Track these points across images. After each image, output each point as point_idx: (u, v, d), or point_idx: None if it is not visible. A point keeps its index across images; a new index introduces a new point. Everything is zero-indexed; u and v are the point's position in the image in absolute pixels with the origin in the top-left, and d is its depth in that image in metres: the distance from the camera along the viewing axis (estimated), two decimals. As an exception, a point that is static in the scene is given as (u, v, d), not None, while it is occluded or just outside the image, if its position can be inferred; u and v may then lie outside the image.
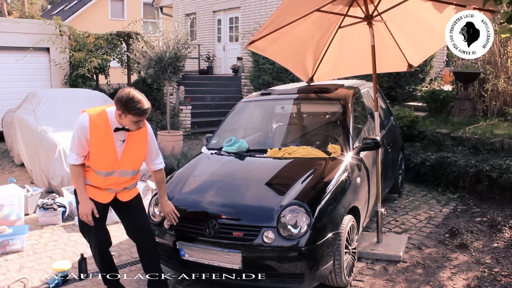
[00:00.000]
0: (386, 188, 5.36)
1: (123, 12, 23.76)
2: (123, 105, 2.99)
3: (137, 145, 3.25)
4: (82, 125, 3.09)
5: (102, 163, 3.16)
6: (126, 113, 3.01)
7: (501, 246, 4.49)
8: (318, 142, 4.45)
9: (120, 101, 2.99)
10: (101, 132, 3.11)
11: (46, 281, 3.86)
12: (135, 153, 3.26)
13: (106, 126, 3.12)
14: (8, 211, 4.96)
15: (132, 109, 2.99)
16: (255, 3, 13.30)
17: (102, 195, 3.28)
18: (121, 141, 3.19)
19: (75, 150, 3.15)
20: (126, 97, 2.98)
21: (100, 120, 3.12)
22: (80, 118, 3.13)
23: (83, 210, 3.17)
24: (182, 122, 10.95)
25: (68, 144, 6.17)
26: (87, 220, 3.17)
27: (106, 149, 3.14)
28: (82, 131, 3.09)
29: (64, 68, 11.04)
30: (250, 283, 3.31)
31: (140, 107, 3.00)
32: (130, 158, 3.24)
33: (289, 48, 4.87)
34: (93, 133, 3.09)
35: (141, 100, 3.01)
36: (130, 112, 3.00)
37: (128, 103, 2.98)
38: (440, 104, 8.38)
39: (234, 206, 3.54)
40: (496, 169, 5.79)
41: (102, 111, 3.17)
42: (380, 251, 4.28)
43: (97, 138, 3.10)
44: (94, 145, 3.10)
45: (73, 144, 3.16)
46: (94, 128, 3.09)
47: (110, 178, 3.22)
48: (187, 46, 8.82)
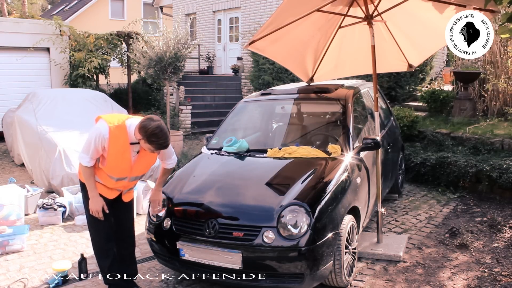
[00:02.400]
0: (386, 188, 5.36)
1: (123, 12, 23.75)
2: (146, 135, 3.03)
3: (149, 156, 3.34)
4: (102, 136, 3.14)
5: (116, 171, 3.28)
6: (147, 143, 3.06)
7: (501, 246, 4.49)
8: (318, 142, 4.45)
9: (145, 132, 3.02)
10: (120, 145, 3.19)
11: (46, 281, 3.86)
12: (147, 162, 3.39)
13: (124, 139, 3.19)
14: (8, 211, 4.95)
15: (153, 143, 3.05)
16: (255, 3, 13.30)
17: (109, 192, 3.40)
18: (135, 152, 3.29)
19: (89, 153, 3.20)
20: (151, 131, 3.01)
21: (119, 133, 3.18)
22: (99, 128, 3.16)
23: (95, 207, 3.28)
24: (182, 122, 10.95)
25: (68, 144, 6.28)
26: (99, 216, 3.29)
27: (121, 160, 3.24)
28: (100, 140, 3.14)
29: (64, 68, 11.04)
30: (250, 283, 3.31)
31: (162, 144, 3.07)
32: (141, 166, 3.38)
33: (289, 48, 4.87)
34: (112, 144, 3.16)
35: (164, 136, 3.05)
36: (151, 144, 3.06)
37: (151, 137, 3.03)
38: (440, 104, 8.38)
39: (234, 206, 3.54)
40: (496, 169, 5.79)
41: (122, 124, 3.21)
42: (380, 251, 4.28)
43: (115, 149, 3.18)
44: (111, 155, 3.19)
45: (88, 148, 3.20)
46: (113, 140, 3.16)
47: (120, 182, 3.36)
48: (187, 46, 8.82)
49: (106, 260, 3.46)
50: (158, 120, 3.09)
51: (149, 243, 3.84)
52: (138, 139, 3.12)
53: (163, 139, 3.05)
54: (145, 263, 4.25)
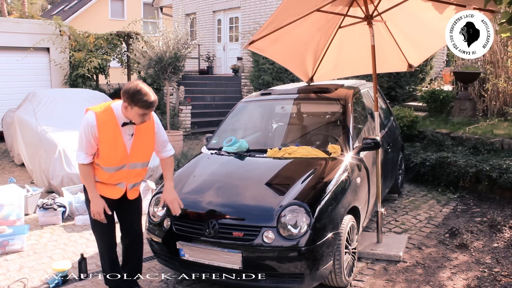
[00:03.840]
0: (386, 188, 5.36)
1: (123, 12, 23.76)
2: (129, 96, 2.98)
3: (146, 138, 3.25)
4: (89, 124, 3.06)
5: (112, 159, 3.14)
6: (133, 105, 2.99)
7: (501, 246, 4.49)
8: (318, 142, 4.45)
9: (127, 93, 2.98)
10: (109, 129, 3.09)
11: (46, 281, 3.86)
12: (144, 145, 3.26)
13: (113, 122, 3.11)
14: (8, 211, 4.95)
15: (139, 101, 2.97)
16: (255, 3, 13.30)
17: (112, 191, 3.27)
18: (130, 135, 3.18)
19: (83, 149, 3.13)
20: (133, 89, 2.97)
21: (107, 116, 3.10)
22: (86, 117, 3.10)
23: (95, 208, 3.17)
24: (182, 122, 10.95)
25: (68, 144, 6.28)
26: (100, 218, 3.18)
27: (115, 145, 3.12)
28: (89, 129, 3.06)
29: (64, 68, 11.04)
30: (250, 283, 3.31)
31: (147, 100, 2.98)
32: (139, 151, 3.24)
33: (289, 48, 4.87)
34: (101, 130, 3.07)
35: (148, 93, 3.00)
36: (137, 104, 2.98)
37: (135, 95, 2.96)
38: (440, 104, 8.39)
39: (234, 206, 3.54)
40: (496, 169, 5.79)
41: (108, 107, 3.15)
42: (380, 251, 4.28)
43: (105, 135, 3.08)
44: (103, 142, 3.09)
45: (81, 144, 3.13)
46: (102, 126, 3.07)
47: (120, 172, 3.21)
48: (187, 46, 8.82)
49: (108, 261, 3.43)
50: (136, 81, 3.06)
51: (149, 243, 3.83)
52: (125, 108, 3.03)
53: (148, 94, 2.98)
54: (145, 263, 4.24)
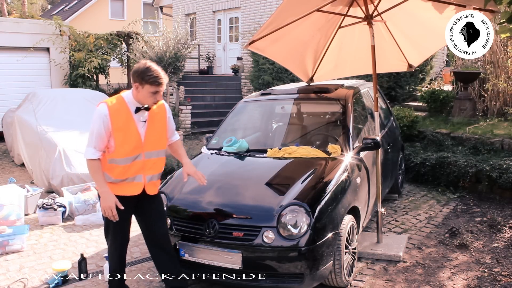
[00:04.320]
0: (386, 188, 5.36)
1: (123, 12, 23.75)
2: (139, 75, 2.98)
3: (159, 124, 3.22)
4: (102, 114, 3.03)
5: (127, 148, 3.07)
6: (143, 83, 2.98)
7: (501, 246, 4.49)
8: (318, 142, 4.45)
9: (137, 72, 2.99)
10: (122, 116, 3.06)
11: (46, 281, 3.86)
12: (158, 132, 3.22)
13: (125, 109, 3.08)
14: (8, 211, 4.96)
15: (149, 78, 2.97)
16: (255, 3, 13.29)
17: (130, 187, 3.16)
18: (143, 122, 3.14)
19: (92, 144, 3.08)
20: (143, 67, 2.99)
21: (118, 104, 3.08)
22: (98, 109, 3.07)
23: (106, 203, 3.04)
24: (182, 122, 10.95)
25: (68, 144, 6.28)
26: (111, 214, 3.04)
27: (129, 133, 3.08)
28: (102, 120, 3.02)
29: (64, 68, 11.04)
30: (250, 283, 3.31)
31: (157, 75, 2.99)
32: (153, 138, 3.19)
33: (289, 48, 4.87)
34: (113, 119, 3.03)
35: (158, 70, 3.02)
36: (147, 81, 2.97)
37: (145, 73, 2.97)
38: (440, 104, 8.39)
39: (234, 206, 3.54)
40: (496, 169, 5.79)
41: (118, 96, 3.15)
42: (380, 251, 4.28)
43: (118, 123, 3.04)
44: (116, 130, 3.04)
45: (91, 138, 3.08)
46: (114, 114, 3.04)
47: (136, 162, 3.12)
48: (187, 46, 8.83)
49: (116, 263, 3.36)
50: (145, 60, 3.07)
51: (149, 243, 3.83)
52: (136, 89, 3.03)
53: (157, 71, 3.00)
54: (145, 263, 4.25)
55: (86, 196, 5.55)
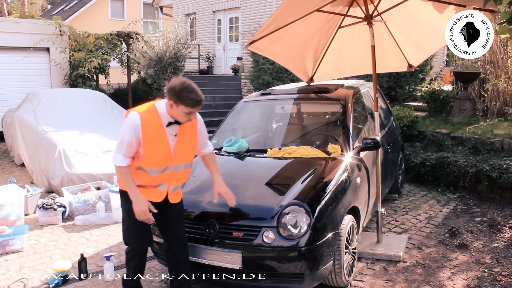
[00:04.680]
0: (386, 188, 5.36)
1: (123, 12, 23.75)
2: (176, 94, 2.85)
3: (189, 138, 3.14)
4: (134, 124, 2.94)
5: (156, 160, 3.02)
6: (179, 103, 2.87)
7: (501, 246, 4.49)
8: (318, 142, 4.45)
9: (173, 90, 2.86)
10: (154, 128, 2.97)
11: (46, 281, 3.86)
12: (188, 146, 3.16)
13: (158, 121, 2.98)
14: (8, 211, 4.96)
15: (186, 99, 2.85)
16: (255, 3, 13.29)
17: (153, 193, 3.12)
18: (173, 135, 3.05)
19: (122, 151, 2.99)
20: (180, 87, 2.85)
21: (151, 116, 2.99)
22: (130, 118, 2.98)
23: (140, 207, 3.00)
24: (182, 122, 10.94)
25: (68, 144, 6.28)
26: (146, 217, 3.02)
27: (159, 146, 3.00)
28: (133, 130, 2.93)
29: (64, 68, 11.04)
30: (250, 283, 3.31)
31: (194, 97, 2.86)
32: (183, 151, 3.12)
33: (289, 48, 4.87)
34: (145, 130, 2.95)
35: (195, 90, 2.88)
36: (183, 102, 2.86)
37: (181, 93, 2.84)
38: (440, 104, 8.39)
39: (234, 206, 3.53)
40: (496, 169, 5.80)
41: (152, 106, 3.04)
42: (380, 251, 4.28)
43: (149, 135, 2.96)
44: (147, 142, 2.97)
45: (121, 145, 2.99)
46: (147, 125, 2.95)
47: (163, 174, 3.08)
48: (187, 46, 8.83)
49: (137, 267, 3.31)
50: (182, 77, 2.92)
51: (149, 243, 3.83)
52: (170, 107, 2.90)
53: (194, 92, 2.85)
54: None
55: (86, 196, 5.55)
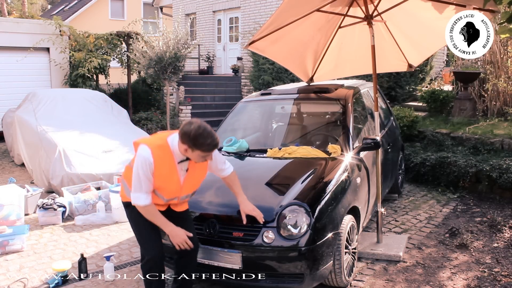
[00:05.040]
0: (386, 188, 5.36)
1: (123, 12, 23.75)
2: (191, 140, 2.76)
3: (199, 171, 3.10)
4: (147, 161, 2.85)
5: (164, 193, 3.01)
6: (195, 148, 2.78)
7: (501, 246, 4.49)
8: (318, 142, 4.45)
9: (188, 136, 2.76)
10: (165, 165, 2.91)
11: (46, 281, 3.86)
12: (197, 179, 3.14)
13: (170, 159, 2.92)
14: (8, 211, 4.96)
15: (202, 146, 2.76)
16: (255, 3, 13.30)
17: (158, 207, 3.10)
18: (184, 171, 3.02)
19: (142, 189, 2.89)
20: (194, 133, 2.74)
21: (163, 153, 2.90)
22: (141, 154, 2.88)
23: (179, 239, 2.99)
24: (182, 122, 10.95)
25: (68, 144, 6.28)
26: (187, 245, 3.02)
27: (170, 181, 2.97)
28: (147, 166, 2.85)
29: (64, 68, 11.04)
30: (250, 283, 3.31)
31: (211, 143, 2.77)
32: (192, 184, 3.12)
33: (289, 48, 4.87)
34: (157, 167, 2.88)
35: (211, 134, 2.77)
36: (200, 148, 2.78)
37: (197, 139, 2.75)
38: (440, 104, 8.39)
39: (234, 206, 3.53)
40: (496, 169, 5.80)
41: (164, 143, 2.94)
42: (380, 251, 4.28)
43: (161, 171, 2.90)
44: (158, 177, 2.91)
45: (139, 183, 2.89)
46: (158, 162, 2.88)
47: (170, 201, 3.11)
48: (187, 46, 8.83)
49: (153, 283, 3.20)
50: (196, 121, 2.82)
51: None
52: (184, 151, 2.84)
53: (211, 136, 2.76)
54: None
55: (86, 196, 5.55)
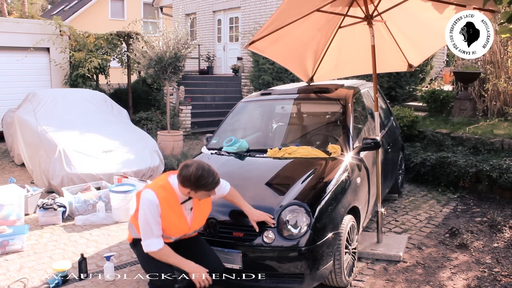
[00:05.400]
0: (386, 188, 5.36)
1: (123, 12, 23.76)
2: (193, 184, 2.79)
3: (204, 206, 3.11)
4: (153, 203, 2.84)
5: (172, 232, 2.99)
6: (198, 190, 2.82)
7: (501, 246, 4.49)
8: (318, 142, 4.45)
9: (189, 180, 2.78)
10: (170, 206, 2.91)
11: (46, 281, 3.86)
12: (204, 214, 3.14)
13: (174, 199, 2.92)
14: (8, 211, 4.95)
15: (204, 186, 2.80)
16: (255, 3, 13.30)
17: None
18: (189, 209, 3.03)
19: (154, 234, 2.87)
20: (194, 177, 2.77)
21: (167, 193, 2.91)
22: (146, 197, 2.88)
23: (200, 278, 2.94)
24: (182, 122, 10.95)
25: (68, 144, 6.27)
26: (207, 282, 2.96)
27: (177, 221, 2.97)
28: (154, 209, 2.84)
29: (64, 68, 11.03)
30: (250, 283, 3.31)
31: (212, 181, 2.81)
32: (199, 220, 3.12)
33: (290, 48, 4.87)
34: (163, 207, 2.87)
35: (211, 172, 2.81)
36: (203, 189, 2.81)
37: (199, 181, 2.78)
38: (440, 104, 8.39)
39: (234, 206, 3.54)
40: (496, 169, 5.79)
41: (165, 183, 2.95)
42: (380, 251, 4.28)
43: (167, 213, 2.90)
44: (164, 219, 2.91)
45: (149, 229, 2.86)
46: (164, 203, 2.88)
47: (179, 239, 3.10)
48: (187, 46, 8.82)
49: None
50: (192, 162, 2.85)
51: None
52: (187, 193, 2.86)
53: (211, 176, 2.80)
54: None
55: (86, 196, 5.55)
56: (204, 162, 2.89)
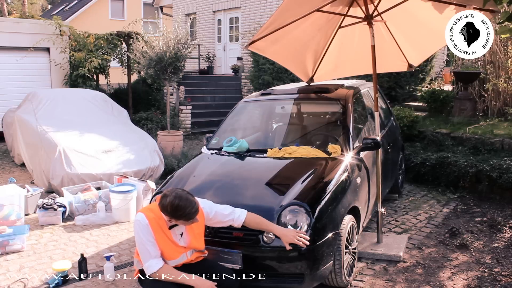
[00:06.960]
0: (386, 188, 5.36)
1: (123, 12, 23.76)
2: (170, 213, 2.87)
3: (197, 229, 3.13)
4: (142, 223, 2.91)
5: (168, 256, 3.01)
6: (175, 219, 2.90)
7: (501, 246, 4.49)
8: (318, 142, 4.45)
9: (166, 211, 2.87)
10: (161, 227, 2.95)
11: (46, 281, 3.86)
12: (199, 236, 3.15)
13: (162, 222, 2.96)
14: (8, 211, 4.96)
15: (182, 216, 2.86)
16: (255, 3, 13.30)
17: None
18: (180, 235, 3.05)
19: (152, 255, 2.92)
20: (170, 208, 2.84)
21: (155, 215, 2.96)
22: (137, 219, 2.95)
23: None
24: (182, 122, 10.95)
25: (68, 144, 6.27)
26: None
27: (168, 244, 2.99)
28: (146, 230, 2.90)
29: (64, 68, 11.03)
30: (250, 283, 3.31)
31: (189, 212, 2.86)
32: (195, 242, 3.12)
33: (290, 48, 4.87)
34: (154, 229, 2.93)
35: (188, 203, 2.85)
36: (182, 218, 2.88)
37: (176, 212, 2.85)
38: (440, 104, 8.39)
39: (234, 206, 3.53)
40: (496, 169, 5.79)
41: (155, 207, 3.01)
42: (380, 251, 4.28)
43: (159, 233, 2.95)
44: (157, 241, 2.95)
45: (146, 251, 2.92)
46: (154, 224, 2.93)
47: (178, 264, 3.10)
48: (187, 46, 8.82)
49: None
50: (170, 193, 2.89)
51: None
52: (169, 220, 2.94)
53: (188, 205, 2.84)
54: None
55: (86, 196, 5.55)
56: (183, 191, 2.93)
